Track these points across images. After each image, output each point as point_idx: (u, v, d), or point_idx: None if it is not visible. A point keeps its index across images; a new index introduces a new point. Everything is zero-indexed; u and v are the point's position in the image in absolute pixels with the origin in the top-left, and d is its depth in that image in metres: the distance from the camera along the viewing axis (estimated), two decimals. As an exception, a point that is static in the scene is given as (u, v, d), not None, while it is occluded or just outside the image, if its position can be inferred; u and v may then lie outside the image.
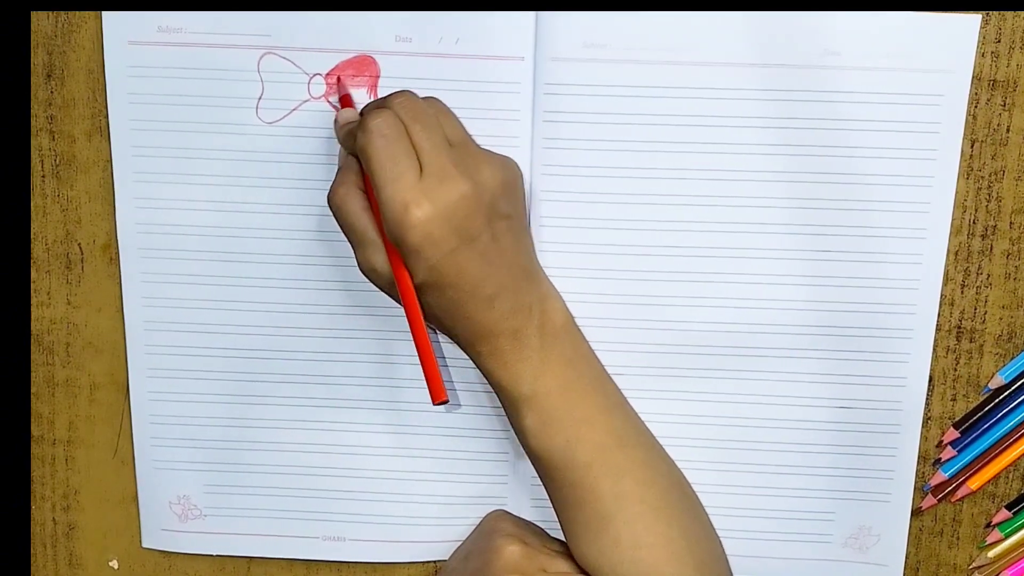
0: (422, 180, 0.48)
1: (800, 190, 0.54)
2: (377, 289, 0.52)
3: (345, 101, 0.53)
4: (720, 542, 0.56)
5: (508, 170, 0.51)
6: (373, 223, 0.50)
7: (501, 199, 0.50)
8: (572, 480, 0.51)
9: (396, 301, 0.52)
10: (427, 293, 0.49)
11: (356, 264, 0.51)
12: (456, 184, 0.48)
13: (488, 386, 0.53)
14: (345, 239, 0.52)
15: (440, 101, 0.52)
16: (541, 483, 0.54)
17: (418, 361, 0.57)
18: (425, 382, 0.51)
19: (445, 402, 0.50)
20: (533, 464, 0.53)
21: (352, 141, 0.50)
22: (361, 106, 0.53)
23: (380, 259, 0.50)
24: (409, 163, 0.48)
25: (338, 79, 0.54)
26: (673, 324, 0.56)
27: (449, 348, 0.56)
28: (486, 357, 0.51)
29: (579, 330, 0.54)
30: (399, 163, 0.48)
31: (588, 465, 0.51)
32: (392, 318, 0.56)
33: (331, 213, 0.51)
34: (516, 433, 0.53)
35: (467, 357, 0.52)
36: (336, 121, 0.53)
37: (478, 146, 0.52)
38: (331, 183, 0.51)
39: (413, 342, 0.50)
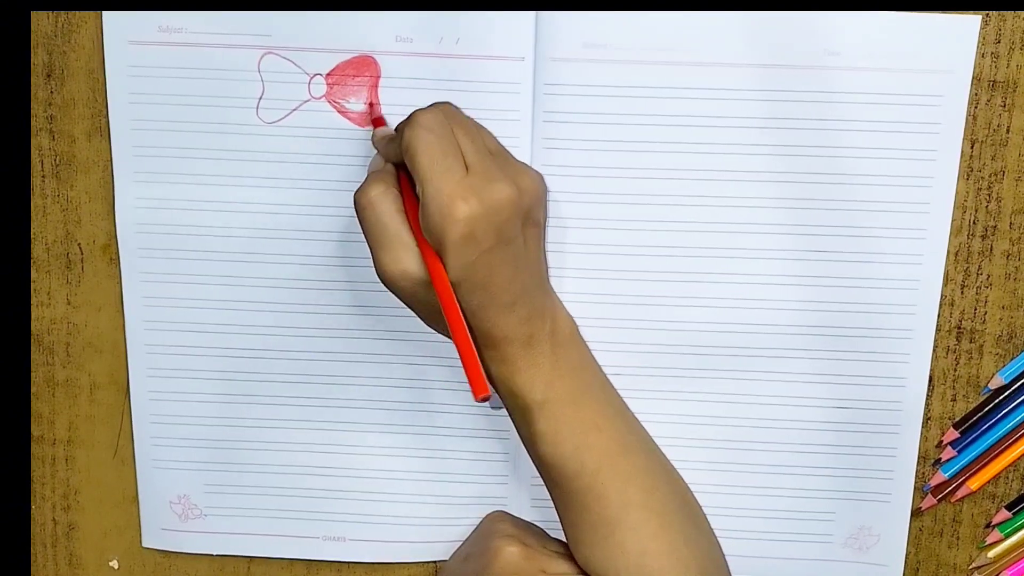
0: (469, 177, 0.48)
1: (799, 190, 0.54)
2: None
3: (378, 123, 0.54)
4: (720, 547, 0.56)
5: (541, 181, 0.52)
6: (407, 225, 0.50)
7: (536, 207, 0.51)
8: (579, 486, 0.52)
9: (410, 306, 0.52)
10: (455, 294, 0.49)
11: (373, 267, 0.50)
12: (502, 186, 0.48)
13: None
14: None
15: (475, 120, 0.53)
16: (545, 487, 0.54)
17: (419, 361, 0.57)
18: (467, 378, 0.48)
19: (488, 397, 0.48)
20: (539, 470, 0.53)
21: (393, 148, 0.50)
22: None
23: (412, 260, 0.49)
24: (456, 159, 0.48)
25: (371, 105, 0.54)
26: (673, 324, 0.56)
27: (444, 347, 0.56)
28: (498, 363, 0.51)
29: (583, 339, 0.54)
30: (447, 158, 0.48)
31: (596, 471, 0.51)
32: (393, 318, 0.56)
33: (356, 213, 0.50)
34: (524, 440, 0.53)
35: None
36: (374, 135, 0.53)
37: (513, 157, 0.53)
38: (360, 184, 0.50)
39: (451, 338, 0.49)
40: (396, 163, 0.51)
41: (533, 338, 0.51)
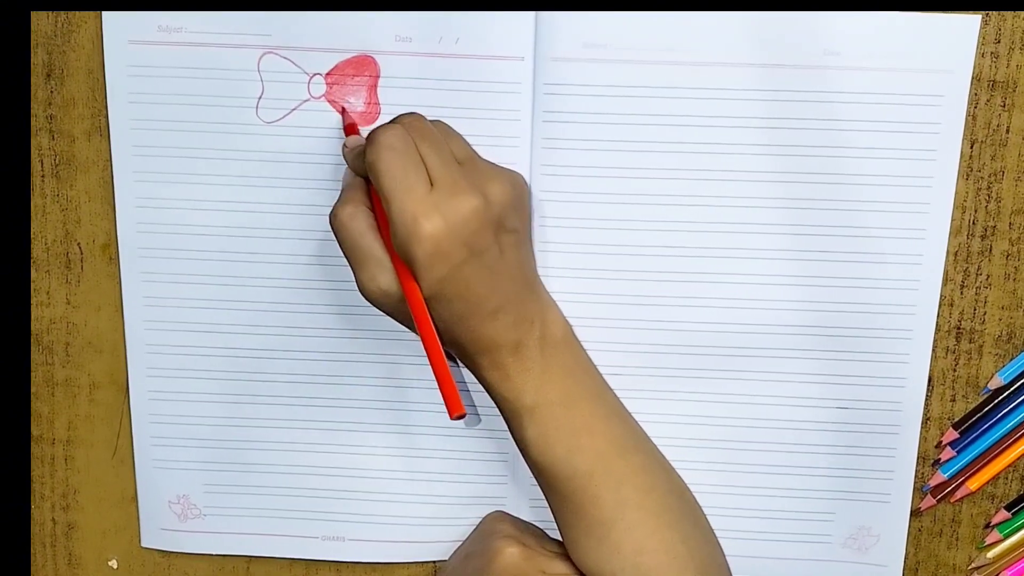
0: (433, 193, 0.48)
1: (799, 190, 0.54)
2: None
3: (350, 129, 0.53)
4: (720, 546, 0.56)
5: (516, 186, 0.51)
6: (380, 241, 0.50)
7: (509, 214, 0.50)
8: (573, 488, 0.52)
9: (399, 321, 0.52)
10: (433, 306, 0.49)
11: (356, 285, 0.51)
12: (467, 198, 0.48)
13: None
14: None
15: (445, 123, 0.52)
16: (540, 490, 0.54)
17: (418, 361, 0.57)
18: (441, 397, 0.49)
19: (463, 416, 0.49)
20: (534, 474, 0.53)
21: (362, 161, 0.50)
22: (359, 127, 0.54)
23: (387, 277, 0.50)
24: (419, 176, 0.48)
25: (343, 109, 0.54)
26: (672, 324, 0.56)
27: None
28: (487, 369, 0.51)
29: (577, 340, 0.54)
30: (409, 176, 0.48)
31: (589, 474, 0.51)
32: (390, 318, 0.56)
33: (332, 233, 0.51)
34: (517, 444, 0.53)
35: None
36: (344, 146, 0.53)
37: (486, 162, 0.52)
38: (334, 204, 0.51)
39: (426, 356, 0.49)
40: (366, 177, 0.51)
41: (521, 344, 0.51)
